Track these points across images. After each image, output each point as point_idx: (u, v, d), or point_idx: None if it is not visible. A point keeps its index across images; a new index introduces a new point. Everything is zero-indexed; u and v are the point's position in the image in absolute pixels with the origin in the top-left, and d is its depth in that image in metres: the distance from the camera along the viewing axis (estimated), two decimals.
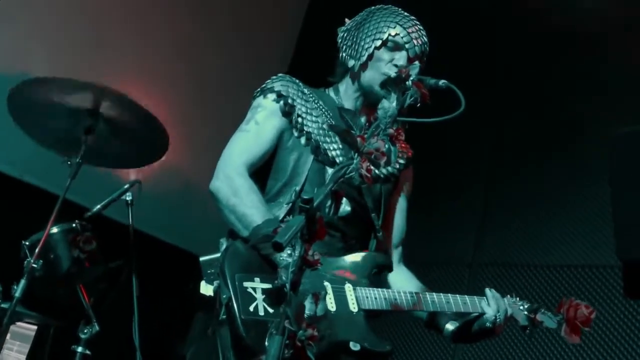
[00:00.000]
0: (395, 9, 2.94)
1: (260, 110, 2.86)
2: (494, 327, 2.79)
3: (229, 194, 2.70)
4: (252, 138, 2.82)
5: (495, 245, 4.56)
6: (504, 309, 2.80)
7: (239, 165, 2.75)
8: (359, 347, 2.53)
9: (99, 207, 3.62)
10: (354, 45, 2.92)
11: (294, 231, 2.14)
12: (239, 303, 2.45)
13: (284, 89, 2.87)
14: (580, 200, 4.28)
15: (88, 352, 3.41)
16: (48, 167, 4.24)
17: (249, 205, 2.66)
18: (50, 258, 3.39)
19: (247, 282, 2.51)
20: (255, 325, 2.42)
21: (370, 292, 2.68)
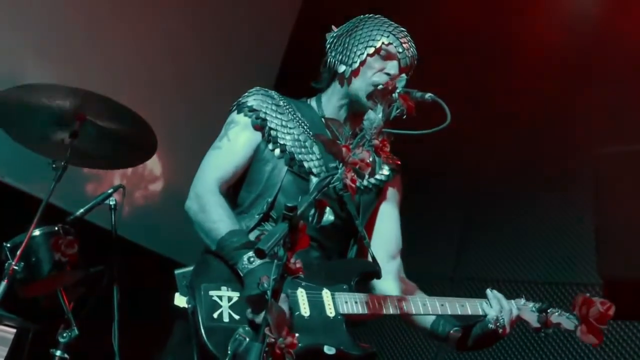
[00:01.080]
0: (386, 19, 2.96)
1: (233, 126, 2.89)
2: (497, 328, 2.70)
3: (198, 211, 2.75)
4: (223, 155, 2.86)
5: (477, 260, 4.57)
6: (508, 310, 2.72)
7: (209, 183, 2.79)
8: (334, 350, 2.52)
9: (82, 211, 3.61)
10: (345, 51, 2.93)
11: (276, 239, 2.16)
12: (203, 311, 2.50)
13: (256, 103, 2.89)
14: (562, 218, 4.30)
15: (67, 356, 3.38)
16: (31, 170, 4.24)
17: (215, 219, 2.70)
18: (32, 261, 3.37)
19: (214, 291, 2.57)
20: (217, 332, 2.47)
21: (350, 297, 2.67)
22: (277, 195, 2.81)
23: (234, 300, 2.56)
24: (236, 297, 2.57)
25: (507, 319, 2.71)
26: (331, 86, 3.01)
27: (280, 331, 2.23)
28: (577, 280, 4.08)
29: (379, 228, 3.04)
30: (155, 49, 5.57)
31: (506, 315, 2.71)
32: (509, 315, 2.71)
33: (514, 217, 4.54)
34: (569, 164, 4.43)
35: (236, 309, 2.54)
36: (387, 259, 3.00)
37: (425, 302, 2.76)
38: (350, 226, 2.93)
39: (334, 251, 2.90)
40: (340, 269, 2.79)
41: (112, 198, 3.64)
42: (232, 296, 2.57)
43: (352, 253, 2.96)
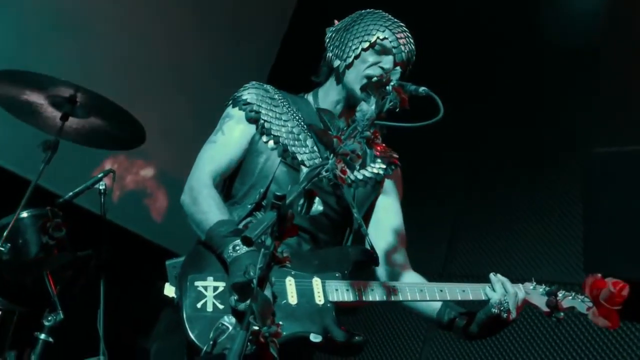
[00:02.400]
0: (385, 14, 2.95)
1: (227, 120, 2.90)
2: (501, 313, 2.62)
3: (190, 203, 2.76)
4: (218, 148, 2.87)
5: (466, 257, 4.58)
6: (513, 293, 2.64)
7: (203, 176, 2.80)
8: (321, 338, 2.51)
9: (71, 194, 3.60)
10: (341, 45, 2.93)
11: (264, 227, 2.15)
12: (187, 301, 2.51)
13: (251, 97, 2.91)
14: (552, 217, 4.30)
15: (51, 339, 3.37)
16: (21, 152, 4.22)
17: (205, 210, 2.70)
18: (19, 243, 3.36)
19: (199, 281, 2.57)
20: (200, 321, 2.46)
21: (342, 285, 2.66)
22: (270, 186, 2.81)
23: (219, 290, 2.56)
24: (222, 287, 2.56)
25: (511, 302, 2.62)
26: (328, 81, 3.02)
27: (265, 320, 2.22)
28: (565, 280, 4.07)
29: (381, 221, 3.03)
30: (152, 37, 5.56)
31: (511, 299, 2.62)
32: (514, 298, 2.63)
33: (505, 215, 4.55)
34: (560, 164, 4.43)
35: (221, 298, 2.53)
36: (393, 251, 2.98)
37: (422, 288, 2.73)
38: (346, 218, 2.93)
39: (329, 244, 2.89)
40: (334, 257, 2.77)
41: (102, 182, 3.63)
42: (218, 286, 2.56)
43: (349, 243, 2.95)
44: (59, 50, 4.86)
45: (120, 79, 4.61)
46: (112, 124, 3.57)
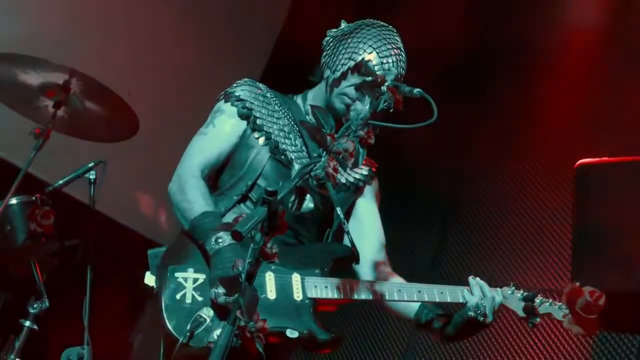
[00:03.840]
0: (379, 32, 2.93)
1: (219, 115, 2.93)
2: (477, 316, 2.64)
3: (177, 192, 2.79)
4: (208, 140, 2.90)
5: (452, 263, 4.58)
6: (491, 297, 2.68)
7: (192, 166, 2.83)
8: (297, 334, 2.54)
9: (61, 182, 3.59)
10: (332, 56, 2.96)
11: (254, 222, 2.15)
12: (166, 291, 2.54)
13: (244, 94, 2.93)
14: (541, 226, 4.31)
15: (35, 327, 3.37)
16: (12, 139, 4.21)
17: (191, 200, 2.73)
18: (6, 229, 3.35)
19: (180, 272, 2.60)
20: (178, 313, 2.50)
21: (321, 281, 2.69)
22: (258, 179, 2.84)
23: (199, 281, 2.58)
24: (201, 279, 2.58)
25: (489, 306, 2.66)
26: (318, 85, 3.06)
27: (252, 315, 2.22)
28: (552, 288, 4.09)
29: (363, 223, 3.05)
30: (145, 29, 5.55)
31: (488, 303, 2.66)
32: (491, 302, 2.67)
33: (493, 223, 4.55)
34: (549, 173, 4.44)
35: (200, 290, 2.56)
36: (373, 252, 2.99)
37: (400, 288, 2.76)
38: (327, 217, 2.95)
39: (310, 240, 2.92)
40: (314, 253, 2.80)
41: (92, 172, 3.61)
42: (198, 278, 2.59)
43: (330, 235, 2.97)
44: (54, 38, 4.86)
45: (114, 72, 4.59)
46: (105, 111, 3.56)
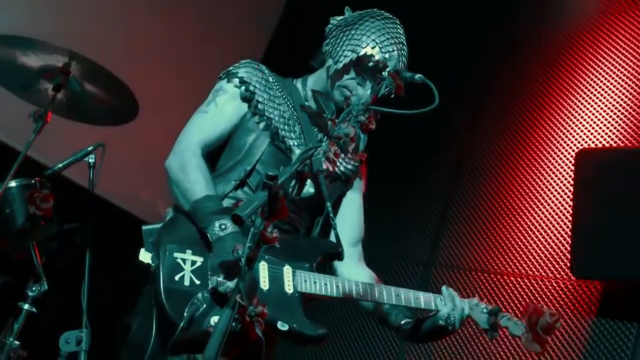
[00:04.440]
0: (384, 26, 2.93)
1: (221, 94, 2.91)
2: (447, 325, 2.77)
3: (177, 169, 2.77)
4: (209, 119, 2.88)
5: (452, 248, 4.58)
6: (460, 309, 2.79)
7: (192, 143, 2.82)
8: (287, 327, 2.56)
9: (60, 166, 3.57)
10: (335, 46, 2.95)
11: (255, 206, 2.15)
12: (165, 272, 2.53)
13: (247, 76, 2.92)
14: (542, 213, 4.31)
15: (34, 310, 3.37)
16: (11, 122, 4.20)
17: (193, 180, 2.72)
18: (6, 212, 3.34)
19: (178, 253, 2.58)
20: (177, 295, 2.49)
21: (310, 276, 2.71)
22: (256, 165, 2.84)
23: (197, 264, 2.58)
24: (199, 262, 2.58)
25: (458, 317, 2.77)
26: (319, 71, 3.05)
27: (251, 300, 2.22)
28: (550, 275, 4.09)
29: (343, 215, 3.08)
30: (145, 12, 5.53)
31: (457, 314, 2.77)
32: (460, 313, 2.78)
33: (493, 208, 4.55)
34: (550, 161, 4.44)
35: (198, 273, 2.56)
36: (350, 245, 3.03)
37: (382, 290, 2.82)
38: (317, 209, 2.97)
39: (302, 226, 2.95)
40: (305, 247, 2.83)
41: (91, 156, 3.60)
42: (196, 260, 2.58)
43: (316, 231, 3.01)
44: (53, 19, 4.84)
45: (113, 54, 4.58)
46: (105, 94, 3.55)
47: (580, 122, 4.40)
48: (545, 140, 4.52)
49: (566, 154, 4.36)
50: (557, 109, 4.54)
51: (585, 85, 4.50)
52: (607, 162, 3.97)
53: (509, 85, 4.90)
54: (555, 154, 4.43)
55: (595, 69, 4.50)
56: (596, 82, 4.46)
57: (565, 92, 4.56)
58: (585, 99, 4.46)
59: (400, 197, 5.00)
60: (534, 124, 4.61)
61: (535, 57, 4.85)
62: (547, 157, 4.47)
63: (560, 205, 4.25)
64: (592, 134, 4.31)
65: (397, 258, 4.78)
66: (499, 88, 4.95)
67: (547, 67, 4.74)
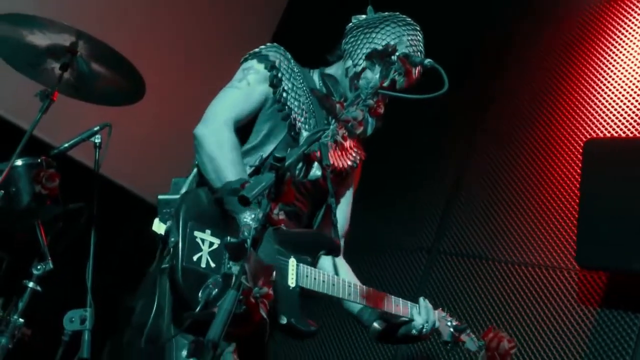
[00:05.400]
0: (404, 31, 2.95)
1: (253, 73, 2.90)
2: (419, 336, 2.95)
3: (214, 144, 2.73)
4: (242, 96, 2.87)
5: (457, 235, 4.57)
6: (433, 321, 2.96)
7: (228, 119, 2.79)
8: (286, 321, 2.58)
9: (66, 145, 3.56)
10: (355, 47, 2.97)
11: (262, 187, 2.15)
12: (185, 250, 2.48)
13: (277, 62, 2.92)
14: (548, 202, 4.30)
15: (39, 288, 3.36)
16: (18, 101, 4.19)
17: (230, 161, 2.69)
18: (11, 191, 3.33)
19: (198, 232, 2.54)
20: (193, 276, 2.46)
21: (312, 272, 2.73)
22: (272, 154, 2.84)
23: (214, 246, 2.55)
24: (216, 244, 2.56)
25: (429, 328, 2.95)
26: (336, 66, 3.07)
27: (257, 281, 2.22)
28: (555, 265, 4.08)
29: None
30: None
31: (429, 326, 2.95)
32: (432, 325, 2.96)
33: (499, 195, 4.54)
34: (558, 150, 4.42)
35: (214, 256, 2.54)
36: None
37: (370, 293, 2.90)
38: (322, 198, 3.01)
39: (305, 216, 2.99)
40: (308, 240, 2.84)
41: (97, 136, 3.59)
42: (214, 242, 2.56)
43: (317, 221, 3.06)
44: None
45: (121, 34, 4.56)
46: (112, 74, 3.53)
47: (589, 111, 4.37)
48: (554, 129, 4.50)
49: (574, 144, 4.33)
50: (566, 98, 4.52)
51: (594, 74, 4.47)
52: (615, 152, 3.95)
53: (519, 75, 4.88)
54: (564, 143, 4.40)
55: (605, 57, 4.47)
56: (606, 71, 4.43)
57: (574, 81, 4.54)
58: (594, 89, 4.44)
59: (406, 183, 4.99)
60: (543, 113, 4.59)
61: (546, 47, 4.82)
62: (555, 146, 4.45)
63: (567, 194, 4.23)
64: (601, 123, 4.28)
65: (402, 244, 4.78)
66: (509, 77, 4.93)
67: (557, 57, 4.72)
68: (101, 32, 3.47)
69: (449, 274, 4.46)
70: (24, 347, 3.41)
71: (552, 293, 4.04)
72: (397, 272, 4.69)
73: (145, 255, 2.84)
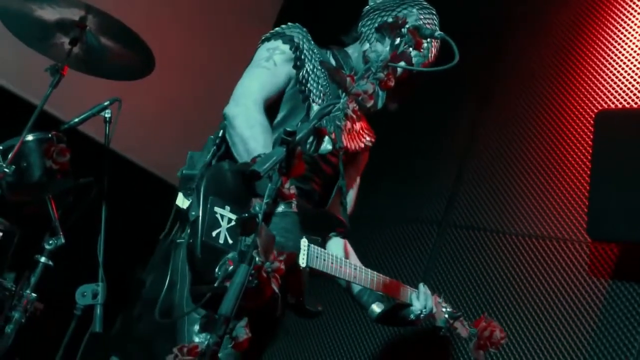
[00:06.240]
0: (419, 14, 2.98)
1: (279, 53, 2.92)
2: (416, 320, 3.04)
3: (246, 125, 2.74)
4: (270, 76, 2.89)
5: (467, 208, 4.57)
6: (430, 307, 3.04)
7: (258, 100, 2.82)
8: (295, 300, 2.63)
9: (77, 120, 3.59)
10: (371, 29, 3.01)
11: (273, 162, 2.15)
12: (205, 225, 2.49)
13: (300, 44, 2.95)
14: (558, 173, 4.29)
15: (51, 263, 3.39)
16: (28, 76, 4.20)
17: (262, 144, 2.70)
18: (23, 165, 3.35)
19: (218, 207, 2.55)
20: (211, 251, 2.48)
21: (321, 253, 2.75)
22: None
23: (232, 223, 2.56)
24: (234, 221, 2.57)
25: (426, 314, 3.04)
26: (352, 47, 3.11)
27: (268, 255, 2.22)
28: (565, 236, 4.08)
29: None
30: None
31: (427, 311, 3.04)
32: (429, 311, 3.04)
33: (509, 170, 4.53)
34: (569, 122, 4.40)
35: (231, 232, 2.55)
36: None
37: (373, 277, 2.95)
38: (333, 179, 3.03)
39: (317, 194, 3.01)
40: (319, 220, 2.84)
41: (107, 111, 3.60)
42: (232, 219, 2.57)
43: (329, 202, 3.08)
44: None
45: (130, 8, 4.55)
46: (121, 49, 3.54)
47: (601, 82, 4.35)
48: (565, 101, 4.47)
49: (586, 115, 4.31)
50: (577, 69, 4.50)
51: (606, 45, 4.44)
52: (627, 124, 3.93)
53: (528, 46, 4.85)
54: (575, 114, 4.38)
55: (617, 28, 4.44)
56: (618, 42, 4.40)
57: (585, 52, 4.51)
58: (606, 60, 4.41)
59: (415, 156, 4.99)
60: (554, 84, 4.56)
61: (556, 17, 4.79)
62: (566, 118, 4.43)
63: (578, 166, 4.22)
64: (613, 95, 4.25)
65: (412, 217, 4.78)
66: (517, 48, 4.90)
67: (567, 27, 4.69)
68: (110, 6, 3.47)
69: (459, 246, 4.46)
70: (36, 322, 3.44)
71: (564, 265, 4.03)
72: (408, 245, 4.70)
73: (156, 229, 2.85)
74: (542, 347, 3.88)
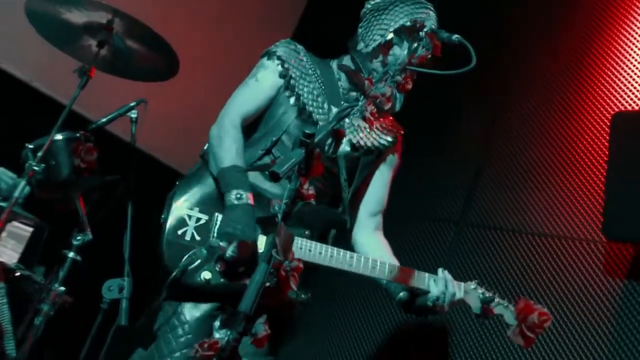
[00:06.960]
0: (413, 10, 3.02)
1: (262, 70, 3.11)
2: (434, 307, 2.92)
3: (215, 138, 2.96)
4: (250, 93, 3.08)
5: (484, 207, 4.59)
6: (452, 293, 2.92)
7: (233, 116, 3.00)
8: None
9: (104, 120, 3.67)
10: (367, 31, 3.07)
11: (292, 163, 2.21)
12: (170, 225, 2.77)
13: (285, 54, 3.09)
14: (574, 174, 4.30)
15: (79, 258, 3.49)
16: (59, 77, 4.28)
17: (226, 149, 2.89)
18: (52, 163, 3.44)
19: (187, 209, 2.81)
20: (176, 248, 2.72)
21: (306, 244, 2.82)
22: (282, 136, 3.01)
23: (201, 222, 2.78)
24: (204, 220, 2.78)
25: (447, 300, 2.92)
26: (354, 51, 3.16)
27: (287, 254, 2.29)
28: (581, 236, 4.09)
29: (371, 186, 3.24)
30: None
31: (448, 297, 2.92)
32: (450, 297, 2.92)
33: (526, 170, 4.55)
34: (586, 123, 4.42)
35: (200, 230, 2.76)
36: (369, 215, 3.24)
37: (375, 264, 2.93)
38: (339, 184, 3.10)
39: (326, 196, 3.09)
40: (307, 214, 2.88)
41: (134, 111, 3.68)
42: (201, 218, 2.78)
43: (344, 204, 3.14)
44: None
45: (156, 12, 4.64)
46: (147, 51, 3.62)
47: (618, 84, 4.36)
48: (582, 102, 4.49)
49: (602, 117, 4.33)
50: (594, 70, 4.51)
51: (623, 47, 4.45)
52: None
53: (545, 47, 4.86)
54: (592, 116, 4.40)
55: (634, 29, 4.45)
56: (635, 43, 4.41)
57: (603, 54, 4.52)
58: (623, 62, 4.41)
59: (433, 155, 5.02)
60: (570, 86, 4.57)
61: (574, 18, 4.79)
62: (582, 119, 4.44)
63: (594, 167, 4.23)
64: (630, 96, 4.27)
65: (429, 216, 4.82)
66: (535, 49, 4.92)
67: (585, 29, 4.69)
68: (136, 9, 3.54)
69: (476, 245, 4.48)
70: (64, 314, 3.54)
71: (579, 265, 4.04)
72: (426, 244, 4.73)
73: None
74: (557, 346, 3.89)
